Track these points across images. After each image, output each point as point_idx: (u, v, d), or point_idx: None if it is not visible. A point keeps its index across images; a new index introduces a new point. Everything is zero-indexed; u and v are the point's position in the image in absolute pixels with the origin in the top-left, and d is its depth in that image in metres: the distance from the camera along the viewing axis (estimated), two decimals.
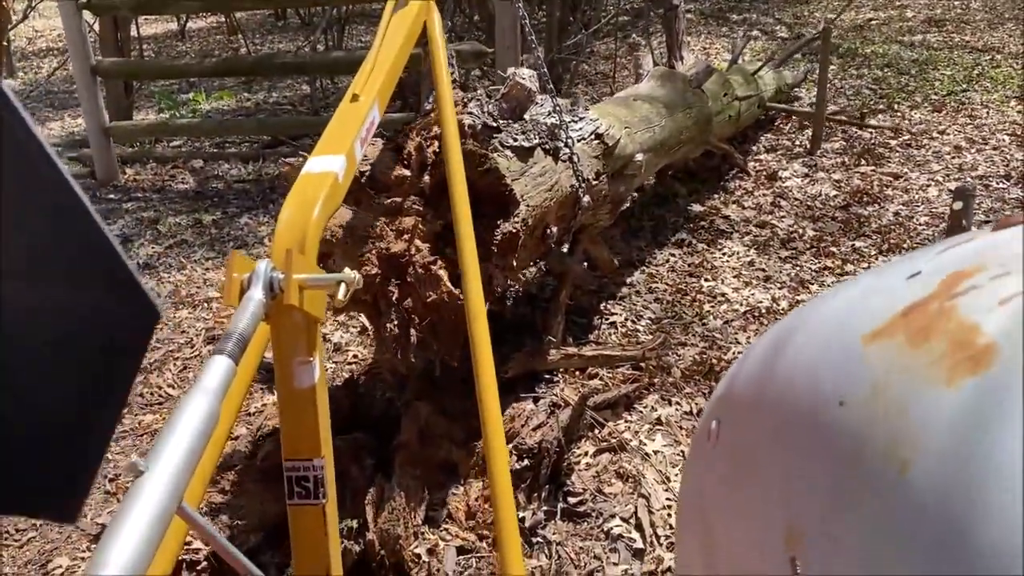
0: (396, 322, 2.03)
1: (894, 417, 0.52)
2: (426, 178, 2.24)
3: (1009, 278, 0.53)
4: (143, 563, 0.62)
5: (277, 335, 1.11)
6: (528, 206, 2.39)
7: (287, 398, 1.15)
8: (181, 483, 0.70)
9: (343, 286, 1.07)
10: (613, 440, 2.52)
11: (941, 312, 0.54)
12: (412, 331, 2.04)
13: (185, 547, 2.07)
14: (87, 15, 5.11)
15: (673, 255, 3.85)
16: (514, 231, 2.25)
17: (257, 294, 1.01)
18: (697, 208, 4.34)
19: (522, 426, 2.46)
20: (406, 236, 2.09)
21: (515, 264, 2.33)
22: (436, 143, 2.27)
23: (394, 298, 2.04)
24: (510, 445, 2.36)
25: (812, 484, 0.59)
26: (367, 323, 2.85)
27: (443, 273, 2.02)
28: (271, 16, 12.53)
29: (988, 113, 5.76)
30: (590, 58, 8.21)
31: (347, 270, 1.08)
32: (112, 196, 5.06)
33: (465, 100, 2.55)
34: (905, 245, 3.78)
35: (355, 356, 3.13)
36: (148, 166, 5.60)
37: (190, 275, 3.91)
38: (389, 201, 2.16)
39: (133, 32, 7.72)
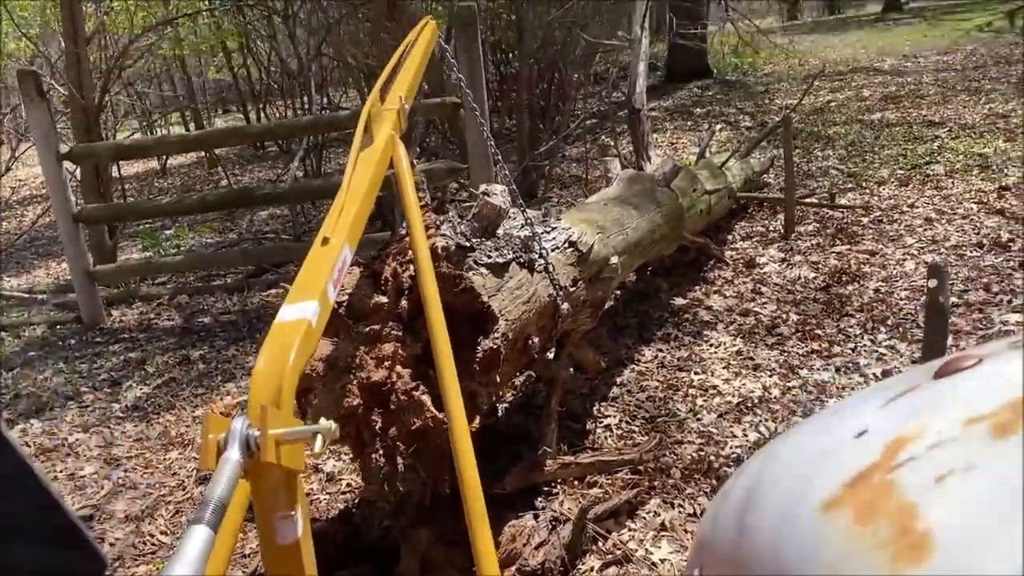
0: (381, 452, 2.01)
1: None
2: (403, 303, 2.26)
3: (944, 449, 0.54)
4: None
5: (256, 492, 1.10)
6: (507, 320, 2.40)
7: (271, 554, 1.13)
8: None
9: (319, 437, 1.07)
10: (618, 552, 2.46)
11: (883, 487, 0.55)
12: (398, 460, 2.02)
13: None
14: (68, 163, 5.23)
15: (661, 350, 3.85)
16: (495, 347, 2.26)
17: (234, 455, 1.01)
18: (680, 301, 4.38)
19: (524, 545, 2.41)
20: (386, 363, 2.09)
21: (498, 379, 2.33)
22: (412, 267, 2.30)
23: (378, 428, 2.02)
24: (513, 568, 2.30)
25: None
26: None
27: (426, 398, 2.01)
28: (250, 146, 12.86)
29: (953, 183, 5.90)
30: (562, 162, 8.43)
31: (323, 420, 1.08)
32: (99, 339, 5.06)
33: (438, 223, 2.60)
34: (889, 321, 3.80)
35: (348, 484, 3.08)
36: (134, 306, 5.63)
37: (179, 414, 3.88)
38: (368, 329, 2.17)
39: (115, 172, 7.90)
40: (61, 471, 3.46)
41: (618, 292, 4.47)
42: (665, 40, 13.68)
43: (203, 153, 12.07)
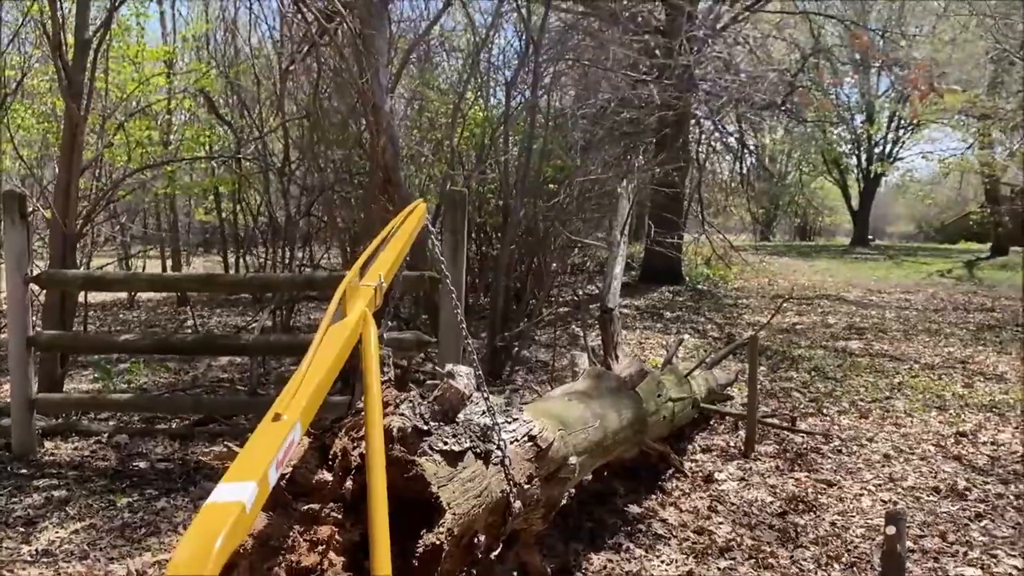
0: None
1: None
2: (349, 483, 2.15)
3: None
4: None
5: None
6: (454, 514, 2.29)
7: None
8: None
9: None
10: None
11: None
12: None
13: None
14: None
15: (611, 560, 3.69)
16: (437, 543, 2.14)
17: None
18: (635, 509, 4.25)
19: None
20: (320, 548, 1.96)
21: None
22: (363, 444, 2.22)
23: None
24: None
25: None
26: None
27: None
28: None
29: (912, 422, 5.97)
30: (531, 346, 8.47)
31: None
32: (24, 471, 4.79)
33: (398, 400, 2.54)
34: (843, 559, 3.69)
35: None
36: (71, 439, 5.38)
37: (91, 566, 3.59)
38: (306, 508, 2.05)
39: (81, 297, 7.79)
40: None
41: (574, 490, 4.33)
42: (643, 242, 14.21)
43: None
